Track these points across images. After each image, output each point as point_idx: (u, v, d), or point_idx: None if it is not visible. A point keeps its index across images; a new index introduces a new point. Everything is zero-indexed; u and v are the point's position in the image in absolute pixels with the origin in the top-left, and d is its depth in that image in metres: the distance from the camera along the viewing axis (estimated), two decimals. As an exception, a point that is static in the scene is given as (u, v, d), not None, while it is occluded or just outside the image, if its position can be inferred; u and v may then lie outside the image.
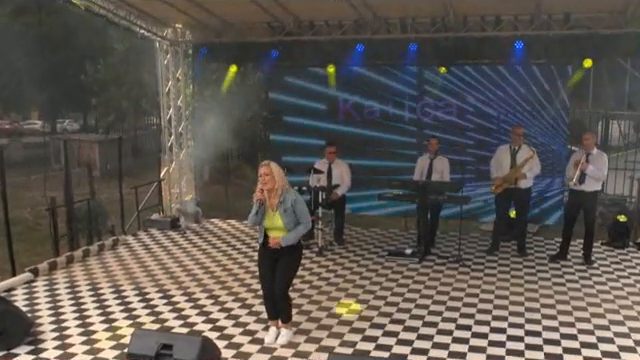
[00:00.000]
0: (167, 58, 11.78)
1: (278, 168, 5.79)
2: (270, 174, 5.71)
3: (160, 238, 10.38)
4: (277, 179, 5.72)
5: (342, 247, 9.59)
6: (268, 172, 5.71)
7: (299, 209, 5.79)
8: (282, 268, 5.85)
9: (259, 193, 5.71)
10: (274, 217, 5.77)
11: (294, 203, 5.77)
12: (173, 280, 8.00)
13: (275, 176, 5.72)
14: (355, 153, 10.47)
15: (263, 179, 5.71)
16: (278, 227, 5.77)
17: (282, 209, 5.73)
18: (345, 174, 9.71)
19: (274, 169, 5.74)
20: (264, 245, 5.89)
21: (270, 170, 5.72)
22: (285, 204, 5.74)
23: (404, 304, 7.04)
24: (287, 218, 5.74)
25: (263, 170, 5.74)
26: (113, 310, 6.93)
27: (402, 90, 10.76)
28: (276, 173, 5.73)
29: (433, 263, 8.68)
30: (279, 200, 5.73)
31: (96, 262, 8.95)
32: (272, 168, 5.74)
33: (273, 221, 5.77)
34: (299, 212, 5.78)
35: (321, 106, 11.14)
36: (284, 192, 5.75)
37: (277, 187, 5.72)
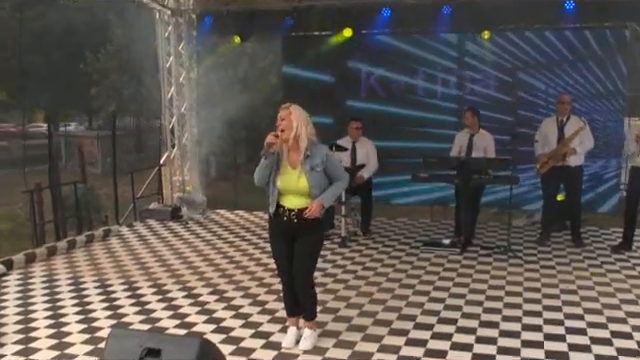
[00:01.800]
0: (168, 30, 10.56)
1: (302, 113, 4.46)
2: (287, 118, 4.41)
3: (158, 229, 9.11)
4: (296, 125, 4.39)
5: (367, 238, 8.28)
6: (285, 115, 4.42)
7: (334, 164, 4.54)
8: (303, 249, 4.55)
9: (271, 136, 4.38)
10: (295, 177, 4.45)
11: (326, 159, 4.47)
12: (170, 274, 6.72)
13: (294, 121, 4.39)
14: (379, 134, 9.12)
15: (279, 124, 4.43)
16: (300, 191, 4.46)
17: (308, 166, 4.43)
18: (371, 154, 8.41)
19: (295, 112, 4.43)
20: (276, 217, 4.57)
21: (289, 113, 4.42)
22: (313, 159, 4.43)
23: (452, 300, 5.72)
24: (315, 179, 4.44)
25: (280, 113, 4.46)
26: (94, 308, 5.65)
27: (434, 61, 9.42)
28: (297, 117, 4.41)
29: (477, 254, 7.36)
30: (304, 154, 4.43)
31: (82, 254, 7.68)
32: (292, 111, 4.43)
33: (293, 182, 4.46)
34: (334, 168, 4.52)
35: (341, 81, 9.83)
36: (310, 145, 4.45)
37: (297, 136, 4.40)
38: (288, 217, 4.49)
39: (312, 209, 4.40)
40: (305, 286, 4.60)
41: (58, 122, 34.25)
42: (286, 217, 4.50)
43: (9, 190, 12.98)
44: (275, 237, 4.66)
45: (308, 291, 4.65)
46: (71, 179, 9.74)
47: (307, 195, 4.45)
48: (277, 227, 4.60)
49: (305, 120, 4.44)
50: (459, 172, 7.36)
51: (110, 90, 19.59)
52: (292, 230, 4.52)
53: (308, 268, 4.61)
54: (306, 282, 4.60)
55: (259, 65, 14.77)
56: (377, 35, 9.60)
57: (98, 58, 19.94)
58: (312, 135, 4.47)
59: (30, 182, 12.44)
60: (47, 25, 25.65)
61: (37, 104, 32.28)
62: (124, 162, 15.31)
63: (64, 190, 9.95)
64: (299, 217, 4.45)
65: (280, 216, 4.53)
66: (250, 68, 14.86)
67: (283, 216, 4.51)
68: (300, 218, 4.45)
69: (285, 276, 4.66)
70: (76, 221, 9.23)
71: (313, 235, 4.55)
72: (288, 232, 4.54)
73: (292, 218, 4.48)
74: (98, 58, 19.94)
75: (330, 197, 4.52)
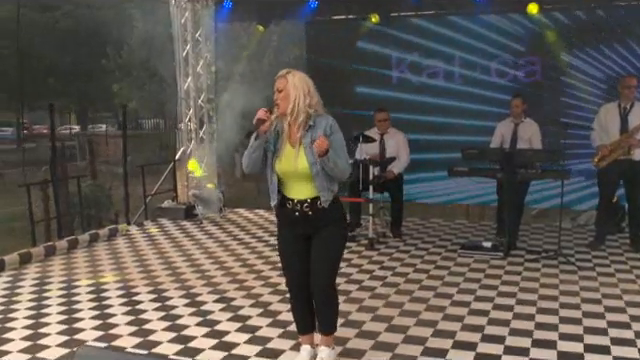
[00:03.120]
0: (185, 16, 9.86)
1: (302, 80, 3.60)
2: (285, 89, 3.57)
3: (170, 228, 8.39)
4: (294, 96, 3.54)
5: (398, 240, 7.43)
6: (282, 86, 3.58)
7: (337, 141, 3.62)
8: (322, 247, 3.69)
9: (262, 111, 3.57)
10: (294, 155, 3.62)
11: (331, 130, 3.61)
12: (174, 278, 5.97)
13: (291, 92, 3.55)
14: (411, 125, 8.28)
15: (275, 97, 3.61)
16: (301, 173, 3.62)
17: (308, 139, 3.59)
18: (402, 146, 7.57)
19: (292, 80, 3.57)
20: (283, 210, 3.75)
21: (286, 82, 3.57)
22: (315, 130, 3.59)
23: (497, 313, 4.83)
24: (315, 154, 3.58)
25: (276, 84, 3.62)
26: (81, 317, 4.92)
27: (473, 45, 8.51)
28: (295, 86, 3.55)
29: (523, 259, 6.45)
30: (305, 127, 3.60)
31: (83, 255, 6.99)
32: (289, 79, 3.58)
33: (292, 162, 3.62)
34: (336, 144, 3.58)
35: (370, 68, 8.98)
36: (314, 116, 3.61)
37: (297, 108, 3.56)
38: (300, 210, 3.66)
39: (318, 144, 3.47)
40: (328, 289, 3.75)
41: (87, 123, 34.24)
42: (298, 211, 3.67)
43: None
44: (284, 234, 3.83)
45: (329, 295, 3.77)
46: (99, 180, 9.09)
47: (308, 176, 3.62)
48: (287, 223, 3.78)
49: (305, 88, 3.59)
50: (503, 166, 6.47)
51: (132, 86, 19.04)
52: (307, 225, 3.69)
53: (332, 267, 3.75)
54: (329, 284, 3.75)
55: (284, 58, 13.99)
56: (409, 18, 8.74)
57: (120, 54, 19.43)
58: (316, 105, 3.62)
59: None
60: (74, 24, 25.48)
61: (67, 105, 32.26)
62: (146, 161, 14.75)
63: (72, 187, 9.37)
64: (313, 209, 3.64)
65: (289, 210, 3.71)
66: (275, 61, 14.11)
67: (294, 210, 3.69)
68: (314, 208, 3.63)
69: (295, 288, 3.82)
70: (79, 219, 8.62)
71: (334, 230, 3.71)
72: (302, 228, 3.71)
73: (305, 211, 3.65)
74: (120, 54, 19.43)
75: (334, 155, 3.53)
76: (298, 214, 3.67)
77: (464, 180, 8.04)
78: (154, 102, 18.89)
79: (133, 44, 18.87)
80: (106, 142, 20.71)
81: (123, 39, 19.11)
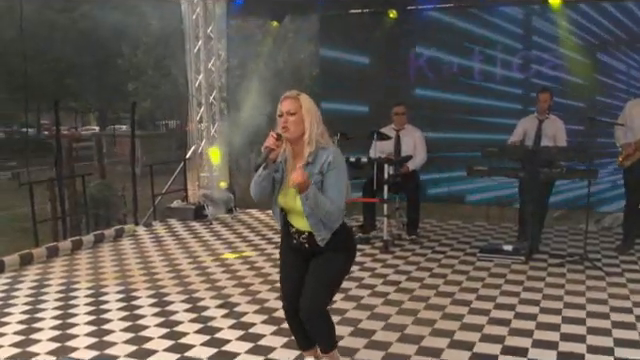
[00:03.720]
0: (196, 12, 9.63)
1: (314, 106, 3.28)
2: (297, 113, 3.23)
3: (178, 229, 8.12)
4: (309, 123, 3.22)
5: (414, 242, 7.08)
6: (294, 109, 3.23)
7: (332, 175, 3.22)
8: (318, 270, 3.36)
9: (272, 139, 3.20)
10: (292, 192, 3.27)
11: (328, 167, 3.22)
12: (177, 281, 5.69)
13: (305, 118, 3.23)
14: (429, 123, 7.92)
15: (284, 120, 3.24)
16: (297, 208, 3.30)
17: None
18: (419, 143, 7.23)
19: (305, 104, 3.25)
20: (287, 232, 3.46)
21: (299, 106, 3.23)
22: (313, 167, 3.24)
23: (519, 322, 4.48)
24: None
25: (285, 105, 3.25)
26: (77, 322, 4.65)
27: (494, 39, 8.11)
28: (309, 112, 3.24)
29: (546, 264, 6.07)
30: (307, 160, 3.25)
31: (87, 256, 6.75)
32: (302, 102, 3.25)
33: (291, 199, 3.30)
34: (329, 181, 3.22)
35: (386, 64, 8.63)
36: (318, 147, 3.26)
37: (313, 136, 3.23)
38: (298, 239, 3.38)
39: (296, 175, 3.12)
40: (315, 316, 3.37)
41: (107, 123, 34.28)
42: (295, 240, 3.39)
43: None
44: (287, 254, 3.55)
45: (316, 320, 3.38)
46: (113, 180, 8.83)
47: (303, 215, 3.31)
48: (288, 244, 3.50)
49: (318, 117, 3.28)
50: (525, 164, 6.11)
51: (147, 86, 18.87)
52: (305, 254, 3.41)
53: (323, 294, 3.38)
54: (317, 311, 3.36)
55: (299, 55, 13.64)
56: (426, 11, 8.39)
57: (136, 54, 19.29)
58: (324, 133, 3.29)
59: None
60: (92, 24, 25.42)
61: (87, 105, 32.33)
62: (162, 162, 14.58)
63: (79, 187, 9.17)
64: (310, 242, 3.34)
65: (291, 235, 3.42)
66: (290, 58, 13.77)
67: (293, 238, 3.40)
68: (312, 242, 3.34)
69: (287, 303, 3.50)
70: (86, 219, 8.41)
71: (338, 253, 3.36)
72: (300, 254, 3.44)
73: (302, 242, 3.37)
74: (136, 54, 19.29)
75: (315, 196, 3.15)
76: (296, 242, 3.40)
77: (484, 180, 7.67)
78: (168, 101, 18.72)
79: (148, 43, 18.72)
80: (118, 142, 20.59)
81: (139, 38, 18.96)
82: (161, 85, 18.52)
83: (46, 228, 8.90)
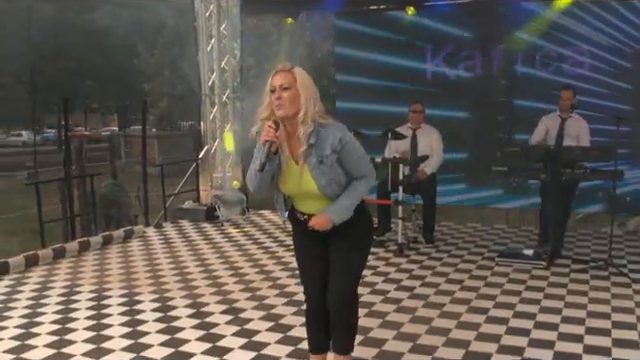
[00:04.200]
0: (210, 9, 9.45)
1: (310, 80, 3.03)
2: (292, 87, 2.96)
3: (188, 231, 7.94)
4: (304, 99, 2.96)
5: (430, 246, 6.82)
6: (288, 83, 2.96)
7: (351, 153, 3.03)
8: (342, 256, 3.18)
9: (271, 131, 2.96)
10: (300, 175, 3.07)
11: (340, 145, 3.01)
12: (183, 285, 5.49)
13: (301, 92, 2.96)
14: (446, 123, 7.67)
15: (278, 96, 2.97)
16: (309, 193, 3.09)
17: (314, 159, 3.01)
18: (436, 144, 6.98)
19: (300, 78, 2.99)
20: (296, 219, 3.25)
21: (293, 79, 2.97)
22: (320, 148, 3.01)
23: (539, 333, 4.21)
24: (326, 176, 3.03)
25: (278, 79, 2.99)
26: (75, 327, 4.48)
27: (515, 35, 7.82)
28: (305, 87, 2.98)
29: (568, 269, 5.78)
30: (307, 143, 3.02)
31: (93, 258, 6.59)
32: (297, 76, 2.99)
33: (298, 183, 3.08)
34: (350, 159, 3.04)
35: (403, 62, 8.37)
36: (317, 126, 3.01)
37: (308, 115, 2.98)
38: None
39: (314, 223, 3.09)
40: (348, 303, 3.24)
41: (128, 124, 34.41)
42: (308, 224, 3.17)
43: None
44: (299, 237, 3.33)
45: (347, 310, 3.24)
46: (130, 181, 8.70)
47: (319, 197, 3.09)
48: (301, 231, 3.29)
49: (314, 91, 3.02)
50: (547, 165, 5.83)
51: (163, 86, 18.78)
52: (322, 237, 3.19)
53: (353, 279, 3.25)
54: (350, 298, 3.25)
55: (316, 54, 13.47)
56: (443, 7, 8.13)
57: (153, 53, 19.22)
58: (320, 113, 3.03)
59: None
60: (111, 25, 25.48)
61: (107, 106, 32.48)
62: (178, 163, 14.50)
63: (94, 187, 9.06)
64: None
65: (302, 222, 3.21)
66: (307, 56, 13.59)
67: (306, 223, 3.17)
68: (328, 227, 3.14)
69: (311, 298, 3.32)
70: (97, 219, 8.29)
71: (356, 233, 3.18)
72: (316, 239, 3.22)
73: None
74: (153, 53, 19.22)
75: (342, 210, 3.06)
76: (311, 228, 3.15)
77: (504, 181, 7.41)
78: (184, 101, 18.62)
79: (165, 43, 18.65)
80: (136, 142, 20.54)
81: (155, 38, 18.90)
82: (177, 85, 18.42)
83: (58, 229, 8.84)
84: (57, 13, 26.91)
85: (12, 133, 40.65)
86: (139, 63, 19.53)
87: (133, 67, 19.48)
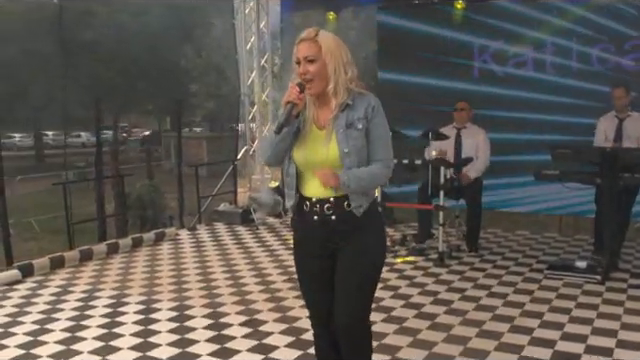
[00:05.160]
0: (249, 6, 9.22)
1: (338, 44, 2.64)
2: (318, 59, 2.59)
3: (222, 234, 7.67)
4: (333, 68, 2.58)
5: (474, 254, 6.35)
6: (313, 53, 2.58)
7: (378, 125, 2.67)
8: (349, 269, 2.71)
9: (295, 92, 2.59)
10: (322, 140, 2.66)
11: (373, 112, 2.65)
12: (206, 292, 5.20)
13: (329, 62, 2.59)
14: (493, 123, 7.17)
15: (303, 70, 2.60)
16: (329, 162, 2.65)
17: (343, 121, 2.64)
18: (482, 146, 6.49)
19: (327, 43, 2.60)
20: (301, 215, 2.78)
21: (318, 49, 2.58)
22: (354, 110, 2.64)
23: (591, 359, 3.73)
24: (351, 140, 2.62)
25: (302, 50, 2.61)
26: (85, 336, 4.23)
27: (568, 28, 7.27)
28: (333, 54, 2.59)
29: (626, 285, 5.22)
30: (341, 106, 2.64)
31: (120, 261, 6.38)
32: (322, 43, 2.59)
33: (319, 150, 2.66)
34: (375, 134, 2.67)
35: (449, 58, 7.89)
36: (354, 93, 2.65)
37: (339, 86, 2.61)
38: (319, 213, 2.70)
39: (324, 173, 2.60)
40: (358, 328, 2.76)
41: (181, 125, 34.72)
42: (317, 215, 2.71)
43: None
44: (301, 250, 2.86)
45: (357, 336, 2.77)
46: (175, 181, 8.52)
47: (338, 169, 2.64)
48: (303, 232, 2.84)
49: (344, 56, 2.63)
50: (603, 169, 5.29)
51: (210, 87, 18.71)
52: (328, 237, 2.72)
53: (359, 303, 2.74)
54: (360, 322, 2.75)
55: (361, 53, 13.03)
56: (494, 0, 7.63)
57: (200, 54, 19.19)
58: (354, 80, 2.65)
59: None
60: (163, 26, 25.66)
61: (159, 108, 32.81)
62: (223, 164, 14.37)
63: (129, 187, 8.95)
64: (337, 212, 2.67)
65: (306, 214, 2.75)
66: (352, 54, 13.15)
67: (312, 214, 2.72)
68: (340, 211, 2.67)
69: (317, 323, 2.89)
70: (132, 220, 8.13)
71: (366, 243, 2.71)
72: (321, 240, 2.74)
73: (326, 214, 2.68)
74: (200, 54, 19.19)
75: (355, 177, 2.60)
76: (317, 219, 2.71)
77: (556, 186, 6.82)
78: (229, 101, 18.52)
79: (211, 43, 18.59)
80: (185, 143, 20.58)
81: (202, 38, 18.87)
82: (222, 85, 18.34)
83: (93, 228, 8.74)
84: (113, 16, 27.33)
85: (72, 134, 41.75)
86: (186, 64, 19.54)
87: (181, 68, 19.49)
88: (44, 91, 19.29)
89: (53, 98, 20.18)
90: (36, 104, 22.82)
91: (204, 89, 19.53)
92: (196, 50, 19.30)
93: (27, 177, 19.39)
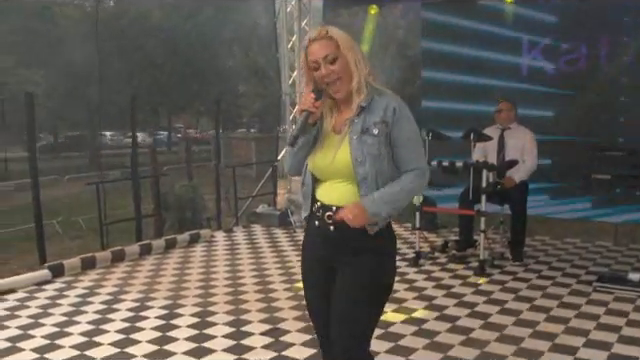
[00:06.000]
0: (291, 4, 9.03)
1: (348, 37, 2.38)
2: (339, 57, 2.34)
3: (258, 237, 7.50)
4: (353, 64, 2.35)
5: (518, 264, 5.97)
6: (332, 52, 2.34)
7: (403, 129, 2.38)
8: (346, 293, 2.43)
9: (310, 99, 2.34)
10: (336, 146, 2.40)
11: (394, 115, 2.36)
12: (232, 298, 5.01)
13: (348, 58, 2.35)
14: (542, 123, 6.77)
15: (326, 72, 2.35)
16: (338, 171, 2.40)
17: (359, 126, 2.37)
18: (529, 147, 6.08)
19: (341, 39, 2.34)
20: (313, 223, 2.51)
21: (335, 46, 2.34)
22: (370, 113, 2.37)
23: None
24: (365, 147, 2.35)
25: (318, 50, 2.35)
26: (102, 341, 4.09)
27: (628, 24, 6.79)
28: (348, 48, 2.35)
29: (685, 301, 4.79)
30: (357, 108, 2.39)
31: (152, 262, 6.28)
32: (338, 38, 2.34)
33: (331, 155, 2.40)
34: (402, 139, 2.38)
35: (496, 56, 7.51)
36: (371, 90, 2.39)
37: (357, 81, 2.36)
38: (321, 220, 2.45)
39: (343, 212, 2.32)
40: (351, 356, 2.47)
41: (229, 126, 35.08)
42: (318, 221, 2.47)
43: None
44: (306, 257, 2.61)
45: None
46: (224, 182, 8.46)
47: (351, 179, 2.39)
48: (310, 242, 2.58)
49: (359, 51, 2.39)
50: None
51: (258, 87, 18.66)
52: (331, 247, 2.45)
53: (356, 334, 2.43)
54: (357, 354, 2.45)
55: (409, 52, 12.71)
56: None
57: (248, 54, 19.19)
58: (371, 75, 2.41)
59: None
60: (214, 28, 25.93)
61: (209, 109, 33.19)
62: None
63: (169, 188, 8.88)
64: (338, 223, 2.39)
65: (311, 217, 2.51)
66: (398, 56, 12.89)
67: (314, 218, 2.49)
68: (340, 226, 2.38)
69: (322, 337, 2.60)
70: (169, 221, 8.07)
71: (369, 263, 2.41)
72: (326, 251, 2.48)
73: (326, 221, 2.43)
74: (248, 54, 19.19)
75: (381, 201, 2.32)
76: (318, 224, 2.46)
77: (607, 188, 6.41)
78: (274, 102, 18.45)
79: (259, 43, 18.56)
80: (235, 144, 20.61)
81: (250, 38, 18.86)
82: (268, 85, 18.27)
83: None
84: (166, 19, 27.77)
85: (128, 135, 42.78)
86: (234, 65, 19.56)
87: (229, 69, 19.54)
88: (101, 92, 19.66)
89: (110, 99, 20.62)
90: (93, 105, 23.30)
91: (252, 89, 19.52)
92: (244, 51, 19.31)
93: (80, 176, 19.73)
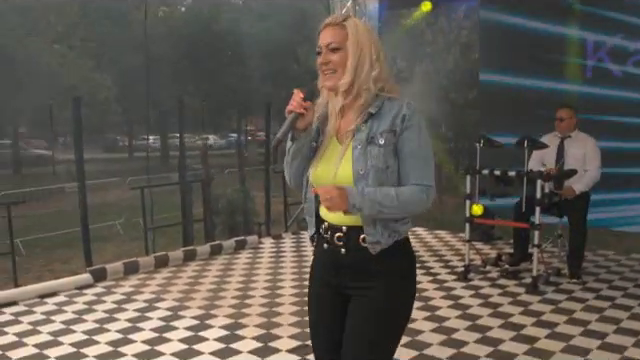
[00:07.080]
0: (346, 5, 8.84)
1: (371, 35, 2.15)
2: (342, 48, 2.12)
3: (305, 244, 7.33)
4: (357, 57, 2.12)
5: (576, 281, 5.54)
6: (338, 41, 2.12)
7: (411, 139, 2.11)
8: (360, 322, 2.17)
9: (298, 100, 2.12)
10: (338, 157, 2.16)
11: (403, 123, 2.11)
12: (266, 310, 4.85)
13: (351, 52, 2.12)
14: (606, 130, 6.31)
15: (324, 60, 2.15)
16: (336, 183, 2.12)
17: (364, 135, 2.12)
18: (591, 156, 5.63)
19: (355, 33, 2.12)
20: (318, 236, 2.30)
21: (344, 36, 2.12)
22: (378, 121, 2.13)
23: None
24: (369, 159, 2.10)
25: (326, 36, 2.14)
26: (125, 352, 4.01)
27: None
28: (357, 44, 2.12)
29: None
30: (363, 114, 2.15)
31: (194, 269, 6.21)
32: (350, 30, 2.12)
33: (332, 166, 2.15)
34: (408, 150, 2.11)
35: (558, 56, 7.07)
36: (384, 97, 2.15)
37: (357, 81, 2.12)
38: (330, 242, 2.22)
39: (323, 190, 2.07)
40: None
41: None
42: (327, 242, 2.24)
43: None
44: (315, 278, 2.36)
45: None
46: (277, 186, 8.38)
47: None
48: (319, 265, 2.34)
49: (373, 50, 2.13)
50: None
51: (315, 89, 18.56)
52: (342, 272, 2.21)
53: (372, 354, 2.16)
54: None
55: (472, 54, 12.25)
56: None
57: (310, 57, 19.14)
58: (386, 81, 2.17)
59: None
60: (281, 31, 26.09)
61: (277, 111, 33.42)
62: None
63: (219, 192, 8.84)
64: (349, 245, 2.17)
65: (320, 239, 2.29)
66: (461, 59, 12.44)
67: (323, 240, 2.26)
68: (352, 246, 2.16)
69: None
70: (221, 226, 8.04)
71: (387, 289, 2.16)
72: (337, 276, 2.24)
73: (337, 245, 2.20)
74: (310, 57, 19.14)
75: (369, 198, 2.04)
76: (327, 247, 2.24)
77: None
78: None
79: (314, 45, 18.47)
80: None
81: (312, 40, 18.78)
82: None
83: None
84: (233, 22, 28.18)
85: (201, 137, 43.71)
86: (299, 68, 19.53)
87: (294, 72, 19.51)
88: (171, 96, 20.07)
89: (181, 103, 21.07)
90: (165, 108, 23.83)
91: (316, 92, 19.43)
92: (307, 52, 19.25)
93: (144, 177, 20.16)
